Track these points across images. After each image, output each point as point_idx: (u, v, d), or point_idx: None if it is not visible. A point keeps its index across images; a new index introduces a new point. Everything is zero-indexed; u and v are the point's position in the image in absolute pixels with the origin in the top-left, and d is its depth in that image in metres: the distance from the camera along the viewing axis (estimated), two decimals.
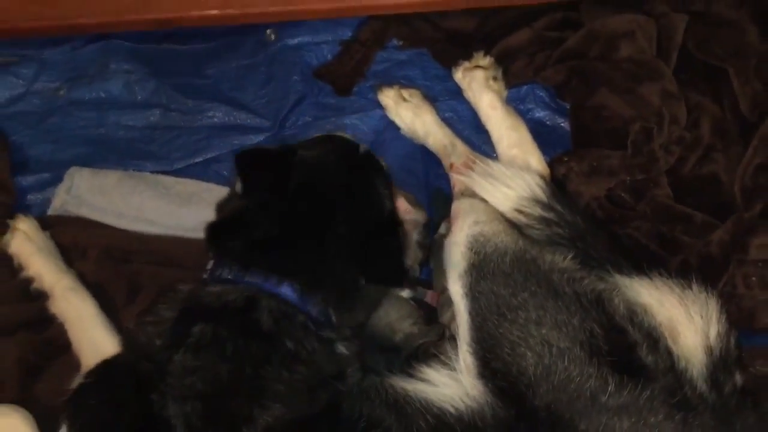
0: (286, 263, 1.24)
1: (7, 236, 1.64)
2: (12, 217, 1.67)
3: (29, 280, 1.59)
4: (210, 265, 1.30)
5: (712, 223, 1.53)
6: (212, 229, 1.32)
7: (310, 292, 1.24)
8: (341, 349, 1.26)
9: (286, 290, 1.22)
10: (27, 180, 1.81)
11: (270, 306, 1.20)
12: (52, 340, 1.54)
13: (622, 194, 1.61)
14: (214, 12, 1.78)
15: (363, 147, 1.50)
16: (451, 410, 1.18)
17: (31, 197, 1.79)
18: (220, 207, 1.42)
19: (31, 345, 1.53)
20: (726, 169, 1.59)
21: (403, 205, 1.65)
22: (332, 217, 1.29)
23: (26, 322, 1.56)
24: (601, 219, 1.60)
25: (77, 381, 1.22)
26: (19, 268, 1.61)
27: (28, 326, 1.56)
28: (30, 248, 1.62)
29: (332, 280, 1.26)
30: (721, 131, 1.63)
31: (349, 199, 1.33)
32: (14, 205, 1.75)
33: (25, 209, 1.74)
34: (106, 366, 1.22)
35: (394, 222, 1.38)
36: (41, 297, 1.57)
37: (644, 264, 1.35)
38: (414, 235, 1.64)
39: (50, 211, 1.74)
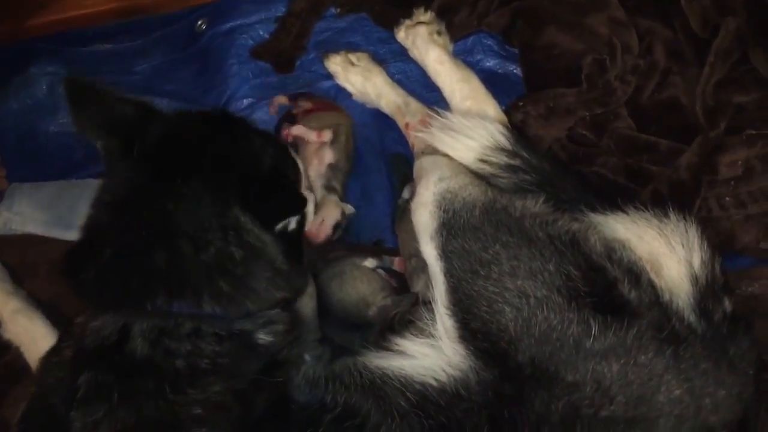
0: (142, 275, 1.09)
1: None
2: None
3: None
4: None
5: (678, 147, 1.48)
6: (67, 260, 1.15)
7: (180, 296, 1.08)
8: (262, 338, 1.13)
9: (157, 303, 1.07)
10: None
11: (143, 328, 1.06)
12: (11, 365, 1.47)
13: (584, 132, 1.55)
14: (138, 1, 1.69)
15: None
16: (433, 383, 1.12)
17: None
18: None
19: None
20: (685, 91, 1.53)
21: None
22: (179, 197, 1.11)
23: None
24: (566, 160, 1.55)
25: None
26: None
27: None
28: None
29: (197, 274, 1.09)
30: (675, 53, 1.57)
31: (205, 164, 1.15)
32: None
33: None
34: (28, 413, 1.13)
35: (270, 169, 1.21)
36: None
37: (618, 199, 1.30)
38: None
39: None
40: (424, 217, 1.30)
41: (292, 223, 1.21)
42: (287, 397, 1.10)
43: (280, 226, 1.17)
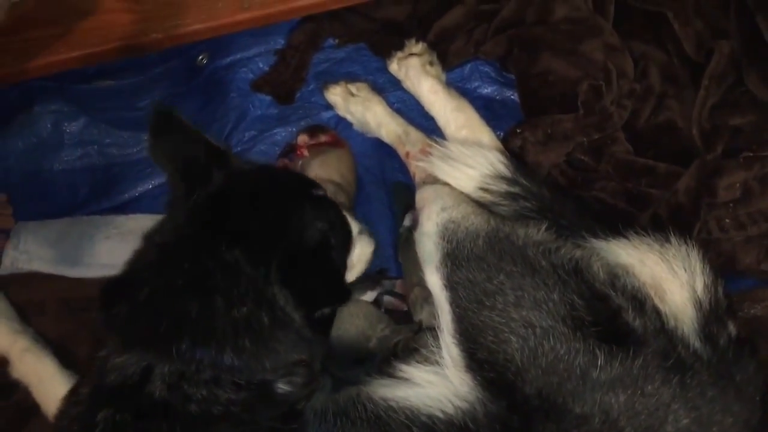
0: (171, 320, 1.11)
1: None
2: None
3: None
4: None
5: (676, 171, 1.49)
6: (103, 293, 1.19)
7: (204, 345, 1.10)
8: (282, 387, 1.14)
9: (182, 348, 1.09)
10: None
11: (164, 371, 1.09)
12: (20, 404, 1.47)
13: (582, 157, 1.57)
14: (140, 40, 1.71)
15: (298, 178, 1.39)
16: (440, 415, 1.12)
17: None
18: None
19: (1, 411, 1.47)
20: (681, 114, 1.55)
21: None
22: (222, 254, 1.14)
23: None
24: (565, 185, 1.56)
25: None
26: None
27: None
28: None
29: (223, 328, 1.11)
30: (670, 77, 1.59)
31: (252, 228, 1.18)
32: None
33: None
34: None
35: (316, 248, 1.23)
36: (2, 362, 1.50)
37: (619, 224, 1.31)
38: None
39: (0, 271, 1.66)
40: (428, 247, 1.32)
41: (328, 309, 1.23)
42: None
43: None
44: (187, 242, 1.17)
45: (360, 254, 1.40)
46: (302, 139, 1.72)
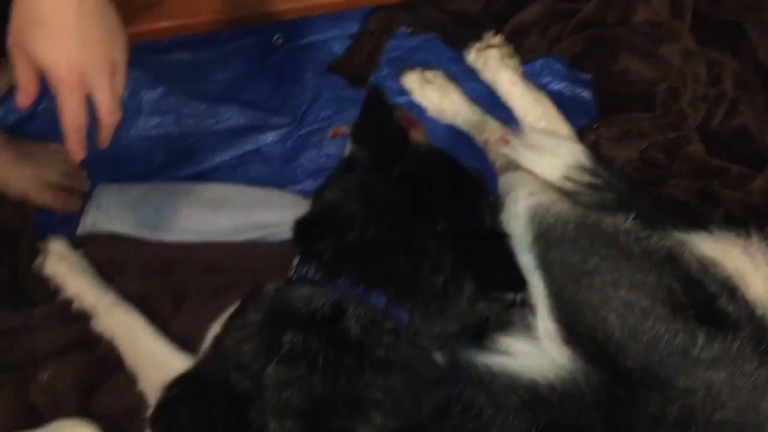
0: (377, 268, 1.16)
1: (40, 258, 1.60)
2: (41, 239, 1.63)
3: (70, 301, 1.55)
4: (296, 261, 1.22)
5: (749, 173, 1.56)
6: (301, 226, 1.23)
7: (399, 300, 1.15)
8: (438, 357, 1.19)
9: (375, 297, 1.14)
10: None
11: (357, 313, 1.12)
12: (103, 359, 1.49)
13: (656, 155, 1.63)
14: (227, 16, 1.75)
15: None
16: (541, 381, 1.17)
17: (58, 219, 1.72)
18: (319, 191, 1.30)
19: (85, 364, 1.48)
20: (754, 120, 1.62)
21: None
22: (432, 223, 1.20)
23: (75, 342, 1.51)
24: (637, 180, 1.62)
25: (160, 395, 1.15)
26: (58, 290, 1.56)
27: (78, 346, 1.50)
28: (64, 268, 1.57)
29: (423, 290, 1.17)
30: (743, 84, 1.66)
31: (451, 205, 1.25)
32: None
33: (54, 231, 1.66)
34: (193, 377, 1.16)
35: (500, 233, 1.31)
36: (85, 317, 1.52)
37: (699, 219, 1.37)
38: None
39: (80, 230, 1.68)
40: (518, 230, 1.35)
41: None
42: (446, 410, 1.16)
43: None
44: (396, 207, 1.21)
45: None
46: (342, 129, 1.76)
